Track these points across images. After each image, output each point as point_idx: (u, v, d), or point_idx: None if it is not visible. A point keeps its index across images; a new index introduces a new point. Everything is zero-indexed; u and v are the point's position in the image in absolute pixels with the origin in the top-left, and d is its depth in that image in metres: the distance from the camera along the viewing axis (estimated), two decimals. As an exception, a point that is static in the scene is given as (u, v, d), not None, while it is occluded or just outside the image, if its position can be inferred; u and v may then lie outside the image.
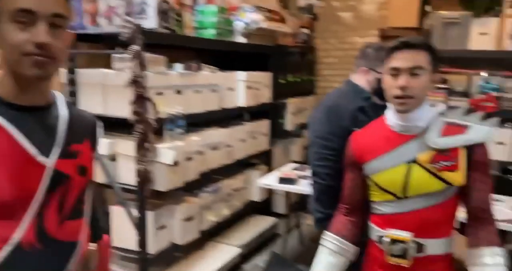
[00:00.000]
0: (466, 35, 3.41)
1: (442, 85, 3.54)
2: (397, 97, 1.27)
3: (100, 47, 2.69)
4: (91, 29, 2.48)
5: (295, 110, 4.02)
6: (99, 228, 1.11)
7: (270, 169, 3.64)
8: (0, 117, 0.86)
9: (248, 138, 3.35)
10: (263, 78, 3.45)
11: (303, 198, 3.91)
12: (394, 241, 1.30)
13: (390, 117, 1.37)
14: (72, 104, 1.06)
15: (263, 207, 3.74)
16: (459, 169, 1.25)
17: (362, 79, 1.81)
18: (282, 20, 3.67)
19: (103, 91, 2.46)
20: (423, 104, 1.31)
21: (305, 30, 4.32)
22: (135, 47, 2.22)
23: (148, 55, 2.34)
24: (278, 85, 3.76)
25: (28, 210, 0.88)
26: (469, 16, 3.40)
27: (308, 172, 3.07)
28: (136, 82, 2.22)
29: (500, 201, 2.52)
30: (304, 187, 2.83)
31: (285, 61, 4.05)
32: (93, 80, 2.46)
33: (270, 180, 2.99)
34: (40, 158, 0.90)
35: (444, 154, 1.26)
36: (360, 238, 1.49)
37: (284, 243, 3.20)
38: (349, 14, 4.43)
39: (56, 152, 0.93)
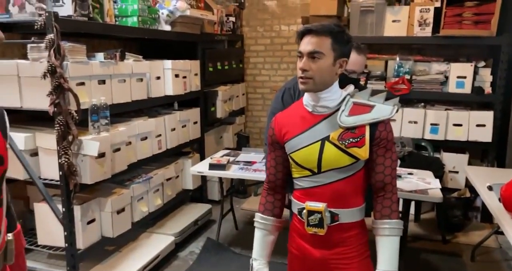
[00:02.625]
0: (381, 22, 3.66)
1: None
2: (299, 77, 1.40)
3: (14, 36, 2.53)
4: (1, 18, 2.32)
5: (226, 98, 4.08)
6: (13, 217, 1.09)
7: (202, 157, 3.68)
8: None
9: (178, 126, 3.35)
10: (191, 66, 3.45)
11: (236, 183, 4.01)
12: (311, 212, 1.41)
13: (305, 98, 1.48)
14: None
15: (197, 195, 3.78)
16: (365, 145, 1.38)
17: None
18: (207, 8, 3.67)
19: (19, 83, 2.32)
20: (332, 86, 1.42)
21: (232, 19, 4.35)
22: (50, 36, 2.13)
23: (66, 44, 2.25)
24: (207, 74, 3.78)
25: None
26: (384, 5, 3.65)
27: (239, 157, 3.17)
28: (54, 73, 2.14)
29: (412, 173, 2.77)
30: (235, 172, 2.91)
31: (213, 49, 4.07)
32: (6, 72, 2.31)
33: (202, 168, 3.03)
34: None
35: (352, 132, 1.39)
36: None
37: (219, 228, 3.27)
38: (275, 3, 4.54)
39: None
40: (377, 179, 1.41)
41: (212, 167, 2.93)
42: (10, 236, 1.04)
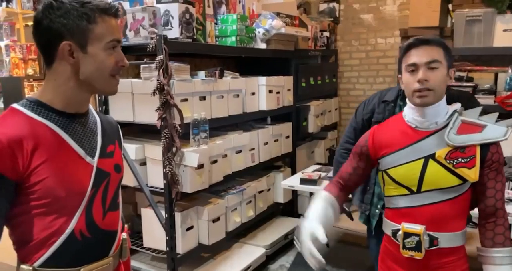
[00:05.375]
0: (490, 32, 3.38)
1: (468, 83, 3.51)
2: (417, 90, 1.32)
3: (129, 58, 2.84)
4: (119, 42, 2.63)
5: (318, 113, 4.07)
6: (122, 219, 1.23)
7: (293, 171, 3.70)
8: (54, 125, 1.01)
9: (271, 140, 3.43)
10: (284, 82, 3.52)
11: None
12: (407, 234, 1.35)
13: (408, 113, 1.41)
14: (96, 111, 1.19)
15: (288, 208, 3.80)
16: (475, 166, 1.29)
17: None
18: (302, 25, 3.74)
19: (132, 99, 2.60)
20: (442, 100, 1.35)
21: (326, 34, 4.37)
22: (160, 57, 2.35)
23: (173, 64, 2.47)
24: (300, 89, 3.82)
25: (80, 204, 1.02)
26: (493, 13, 3.37)
27: (330, 173, 3.13)
28: (162, 90, 2.35)
29: (526, 199, 2.48)
30: (327, 187, 2.88)
31: (307, 65, 4.11)
32: (122, 90, 2.60)
33: (293, 182, 3.05)
34: (88, 159, 1.05)
35: (461, 151, 1.30)
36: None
37: (310, 243, 3.24)
38: (370, 16, 4.46)
39: (98, 152, 1.07)
40: (488, 204, 1.31)
41: (303, 181, 2.94)
42: (124, 235, 1.17)
